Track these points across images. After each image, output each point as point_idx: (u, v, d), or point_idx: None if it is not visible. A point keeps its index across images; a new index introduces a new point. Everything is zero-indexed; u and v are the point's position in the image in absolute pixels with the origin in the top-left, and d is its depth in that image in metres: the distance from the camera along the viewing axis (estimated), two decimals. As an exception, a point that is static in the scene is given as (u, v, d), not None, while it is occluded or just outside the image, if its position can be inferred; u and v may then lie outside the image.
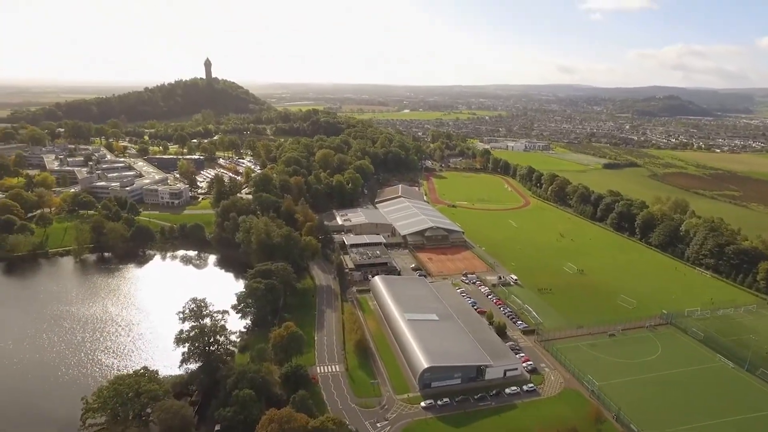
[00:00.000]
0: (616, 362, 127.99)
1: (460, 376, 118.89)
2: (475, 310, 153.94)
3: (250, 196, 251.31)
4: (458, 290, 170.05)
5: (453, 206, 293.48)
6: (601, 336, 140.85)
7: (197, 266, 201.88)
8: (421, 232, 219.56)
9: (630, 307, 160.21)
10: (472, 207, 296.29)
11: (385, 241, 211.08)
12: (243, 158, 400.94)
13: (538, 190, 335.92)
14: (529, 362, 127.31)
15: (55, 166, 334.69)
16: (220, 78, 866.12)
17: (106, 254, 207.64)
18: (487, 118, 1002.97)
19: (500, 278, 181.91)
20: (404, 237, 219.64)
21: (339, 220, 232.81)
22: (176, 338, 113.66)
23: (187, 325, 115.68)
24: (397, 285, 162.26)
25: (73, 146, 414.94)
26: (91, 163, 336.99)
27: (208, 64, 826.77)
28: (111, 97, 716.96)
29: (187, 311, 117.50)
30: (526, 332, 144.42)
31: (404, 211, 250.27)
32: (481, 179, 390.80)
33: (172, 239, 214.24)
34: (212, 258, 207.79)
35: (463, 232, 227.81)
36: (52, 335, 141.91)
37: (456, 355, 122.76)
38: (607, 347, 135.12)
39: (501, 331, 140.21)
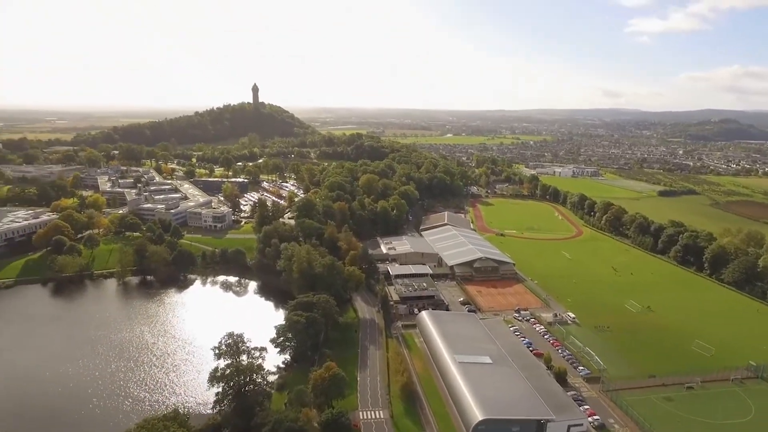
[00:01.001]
0: (699, 422, 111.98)
1: (518, 430, 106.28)
2: (531, 351, 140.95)
3: (292, 221, 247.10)
4: (511, 328, 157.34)
5: (501, 235, 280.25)
6: (677, 388, 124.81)
7: (237, 293, 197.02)
8: (469, 263, 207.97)
9: (708, 355, 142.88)
10: (521, 236, 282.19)
11: (431, 271, 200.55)
12: (287, 182, 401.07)
13: (591, 218, 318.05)
14: (595, 417, 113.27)
15: (108, 187, 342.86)
16: (266, 102, 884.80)
17: (148, 277, 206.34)
18: (531, 142, 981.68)
19: (556, 316, 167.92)
20: (452, 268, 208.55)
21: (383, 249, 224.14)
22: (211, 376, 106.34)
23: (222, 363, 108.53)
24: (446, 321, 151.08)
25: (125, 168, 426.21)
26: (139, 185, 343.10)
27: (255, 89, 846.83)
28: (163, 121, 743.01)
29: (223, 347, 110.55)
30: (589, 380, 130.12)
31: (451, 239, 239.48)
32: (530, 206, 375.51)
33: (213, 264, 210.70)
34: (252, 285, 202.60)
35: (514, 264, 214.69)
36: (87, 362, 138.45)
37: (513, 405, 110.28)
38: (686, 402, 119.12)
39: (561, 378, 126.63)
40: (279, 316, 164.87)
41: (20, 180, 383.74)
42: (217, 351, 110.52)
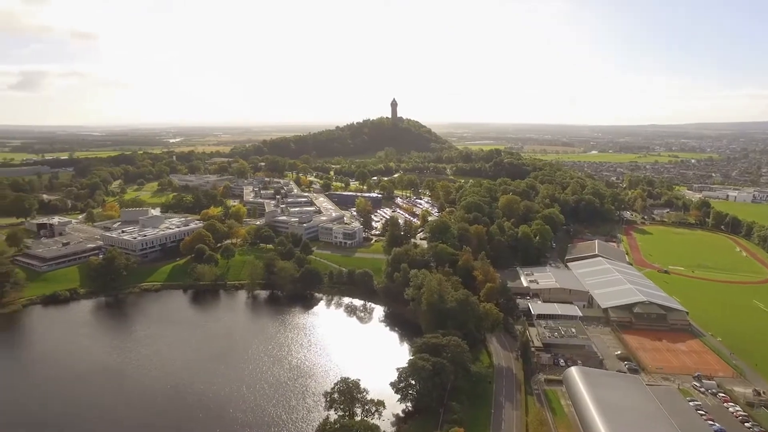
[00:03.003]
0: None
1: None
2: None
3: (424, 243, 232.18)
4: (691, 403, 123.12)
5: (665, 272, 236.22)
6: None
7: (361, 319, 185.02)
8: (628, 307, 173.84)
9: None
10: (692, 275, 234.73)
11: (580, 313, 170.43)
12: (421, 198, 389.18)
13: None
14: None
15: (251, 197, 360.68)
16: (404, 117, 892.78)
17: (276, 292, 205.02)
18: (693, 161, 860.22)
19: (759, 394, 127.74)
20: (605, 310, 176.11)
21: (524, 281, 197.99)
22: (319, 430, 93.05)
23: (333, 414, 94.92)
24: (602, 384, 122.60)
25: (268, 179, 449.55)
26: (278, 196, 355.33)
27: (394, 104, 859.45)
28: (307, 134, 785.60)
29: (336, 395, 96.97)
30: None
31: (604, 275, 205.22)
32: (700, 238, 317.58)
33: (339, 284, 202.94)
34: (378, 311, 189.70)
35: (686, 312, 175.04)
36: (207, 379, 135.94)
37: None
38: None
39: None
40: (403, 352, 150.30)
41: (183, 188, 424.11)
42: (328, 398, 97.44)
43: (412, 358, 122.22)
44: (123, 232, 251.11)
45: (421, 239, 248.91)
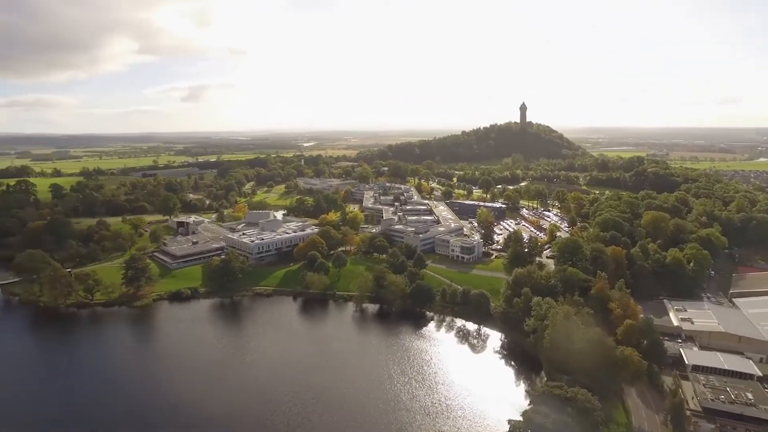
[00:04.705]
0: None
1: None
2: None
3: (551, 262, 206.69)
4: None
5: None
6: None
7: (473, 347, 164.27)
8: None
9: None
10: None
11: (758, 372, 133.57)
12: (549, 210, 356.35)
13: None
14: None
15: (370, 203, 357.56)
16: (534, 122, 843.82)
17: (385, 307, 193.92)
18: None
19: None
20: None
21: (673, 319, 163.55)
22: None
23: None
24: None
25: (389, 185, 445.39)
26: (397, 203, 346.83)
27: (523, 108, 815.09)
28: (432, 139, 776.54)
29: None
30: None
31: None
32: None
33: (452, 304, 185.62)
34: (494, 338, 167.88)
35: None
36: (298, 396, 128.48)
37: None
38: None
39: None
40: (518, 394, 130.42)
41: (308, 191, 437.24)
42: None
43: (528, 409, 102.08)
44: (243, 234, 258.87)
45: (547, 258, 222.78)
